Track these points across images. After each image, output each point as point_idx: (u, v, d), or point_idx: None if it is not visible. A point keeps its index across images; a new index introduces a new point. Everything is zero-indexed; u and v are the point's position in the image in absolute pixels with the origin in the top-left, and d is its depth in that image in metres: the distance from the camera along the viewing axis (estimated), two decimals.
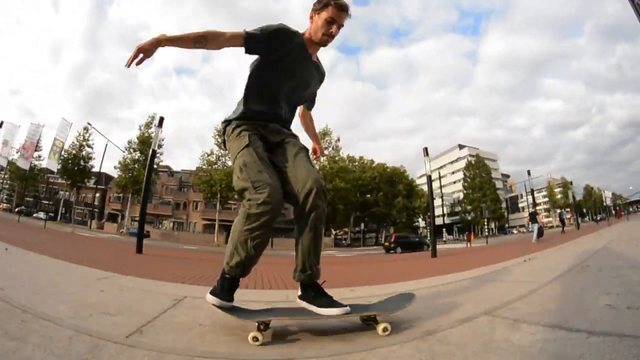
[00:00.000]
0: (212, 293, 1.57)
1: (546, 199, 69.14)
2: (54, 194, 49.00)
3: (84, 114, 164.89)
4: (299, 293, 1.63)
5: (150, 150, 9.41)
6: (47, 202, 48.56)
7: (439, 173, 42.26)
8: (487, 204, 59.17)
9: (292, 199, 1.59)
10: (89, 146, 35.37)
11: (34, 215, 36.58)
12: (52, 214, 37.78)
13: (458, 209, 60.20)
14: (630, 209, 74.30)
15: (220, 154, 32.15)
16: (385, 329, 1.46)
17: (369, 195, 41.60)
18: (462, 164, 66.96)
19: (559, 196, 65.88)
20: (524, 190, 77.08)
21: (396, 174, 49.10)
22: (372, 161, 49.54)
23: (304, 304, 1.59)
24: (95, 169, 33.90)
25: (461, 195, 61.89)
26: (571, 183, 35.61)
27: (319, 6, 1.66)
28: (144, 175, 32.65)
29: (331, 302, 1.55)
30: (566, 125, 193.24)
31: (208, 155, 33.07)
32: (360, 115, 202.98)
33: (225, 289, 1.57)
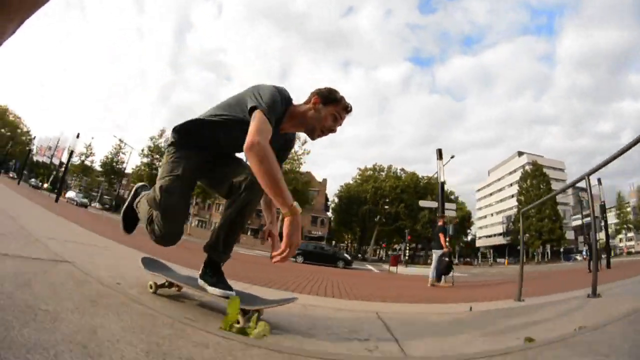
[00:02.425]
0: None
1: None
2: (114, 190, 56.18)
3: (169, 128, 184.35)
4: (200, 272, 1.71)
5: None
6: (107, 196, 57.28)
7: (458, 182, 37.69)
8: (545, 221, 51.31)
9: (231, 190, 1.65)
10: (123, 154, 47.74)
11: (92, 205, 43.67)
12: (107, 205, 47.07)
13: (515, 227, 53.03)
14: None
15: None
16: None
17: (387, 207, 38.58)
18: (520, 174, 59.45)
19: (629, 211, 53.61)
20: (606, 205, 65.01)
21: (431, 184, 45.36)
22: (402, 170, 46.61)
23: (201, 282, 1.67)
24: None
25: (515, 211, 54.91)
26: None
27: (329, 97, 1.60)
28: (147, 174, 36.44)
29: (218, 283, 1.63)
30: None
31: None
32: (437, 129, 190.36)
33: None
